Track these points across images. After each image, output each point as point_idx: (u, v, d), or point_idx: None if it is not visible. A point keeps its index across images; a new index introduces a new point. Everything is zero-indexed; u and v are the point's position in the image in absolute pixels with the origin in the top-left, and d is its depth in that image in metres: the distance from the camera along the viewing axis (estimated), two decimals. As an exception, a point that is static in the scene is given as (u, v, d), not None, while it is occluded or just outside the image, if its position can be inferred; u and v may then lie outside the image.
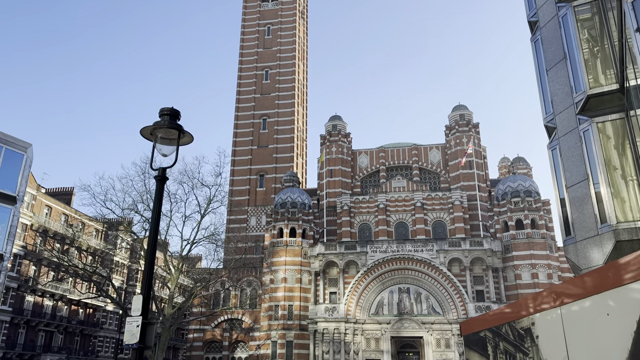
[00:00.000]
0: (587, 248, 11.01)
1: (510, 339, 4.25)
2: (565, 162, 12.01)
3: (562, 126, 12.28)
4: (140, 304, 5.52)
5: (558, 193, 12.26)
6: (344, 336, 47.25)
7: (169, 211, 44.05)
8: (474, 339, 5.17)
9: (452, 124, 59.95)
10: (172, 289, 41.76)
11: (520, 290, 46.47)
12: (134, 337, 5.34)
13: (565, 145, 12.05)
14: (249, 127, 69.88)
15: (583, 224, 11.17)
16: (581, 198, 11.32)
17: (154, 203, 5.90)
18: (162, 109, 5.85)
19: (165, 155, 6.07)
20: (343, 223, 56.08)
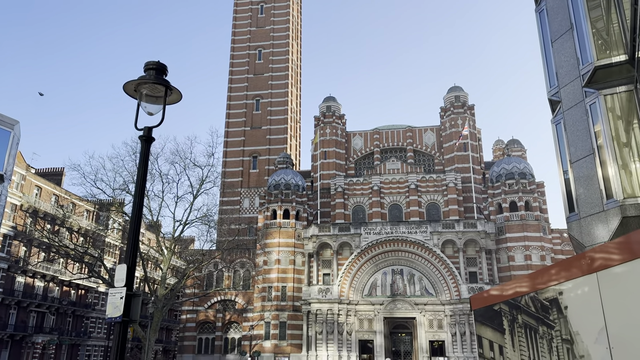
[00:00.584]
0: (591, 225, 10.70)
1: (531, 312, 3.86)
2: (569, 137, 11.63)
3: (567, 99, 11.86)
4: (124, 274, 5.05)
5: (562, 169, 11.91)
6: (337, 317, 47.34)
7: (161, 192, 43.49)
8: (487, 313, 4.80)
9: (447, 106, 59.46)
10: (164, 270, 41.41)
11: (513, 271, 46.64)
12: (118, 310, 4.89)
13: (570, 119, 11.65)
14: (241, 107, 68.93)
15: (588, 200, 10.84)
16: (586, 173, 10.97)
17: (139, 165, 5.43)
18: (148, 63, 5.32)
19: (151, 114, 5.56)
20: (337, 205, 55.82)
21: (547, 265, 46.59)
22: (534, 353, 3.82)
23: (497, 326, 4.53)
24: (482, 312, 4.93)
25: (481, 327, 4.99)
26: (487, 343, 4.79)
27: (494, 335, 4.61)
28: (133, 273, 5.07)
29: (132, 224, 5.30)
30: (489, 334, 4.76)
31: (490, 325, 4.71)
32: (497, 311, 4.53)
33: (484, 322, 4.89)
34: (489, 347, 4.75)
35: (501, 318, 4.45)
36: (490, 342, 4.71)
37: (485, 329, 4.86)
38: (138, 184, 5.35)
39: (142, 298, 23.17)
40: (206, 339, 52.34)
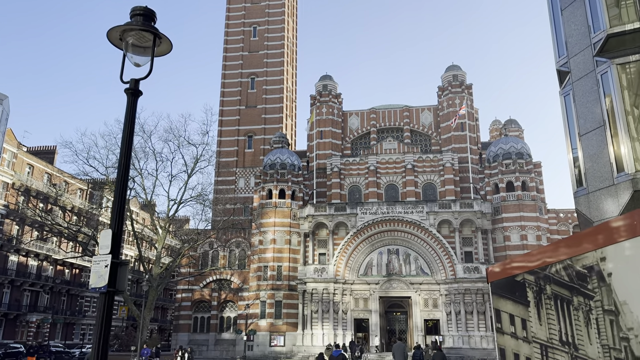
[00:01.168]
0: (600, 199, 10.34)
1: (563, 281, 3.46)
2: (579, 109, 11.19)
3: (577, 70, 11.38)
4: (109, 240, 4.57)
5: (569, 142, 11.50)
6: (332, 296, 47.40)
7: (155, 170, 42.95)
8: (507, 285, 4.40)
9: (444, 85, 58.78)
10: (159, 249, 41.12)
11: (509, 251, 46.68)
12: (102, 280, 4.43)
13: (580, 90, 11.19)
14: (236, 86, 67.84)
15: (597, 173, 10.47)
16: (596, 146, 10.57)
17: (125, 120, 4.95)
18: (134, 8, 4.75)
19: (138, 65, 5.04)
20: (333, 185, 55.46)
21: (543, 245, 46.64)
22: (567, 326, 3.44)
23: (519, 299, 4.14)
24: (501, 284, 4.54)
25: (499, 300, 4.61)
26: (507, 317, 4.41)
27: (515, 308, 4.23)
28: (119, 239, 4.64)
29: (118, 185, 4.83)
30: (509, 307, 4.37)
31: (511, 297, 4.32)
32: (520, 282, 4.14)
33: (503, 295, 4.50)
34: (508, 321, 4.37)
35: (525, 290, 4.06)
36: (510, 315, 4.33)
37: (505, 302, 4.47)
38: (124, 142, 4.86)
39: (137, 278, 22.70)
40: (201, 318, 52.38)
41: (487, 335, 43.97)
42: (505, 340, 4.45)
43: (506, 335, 4.42)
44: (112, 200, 31.47)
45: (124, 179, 4.83)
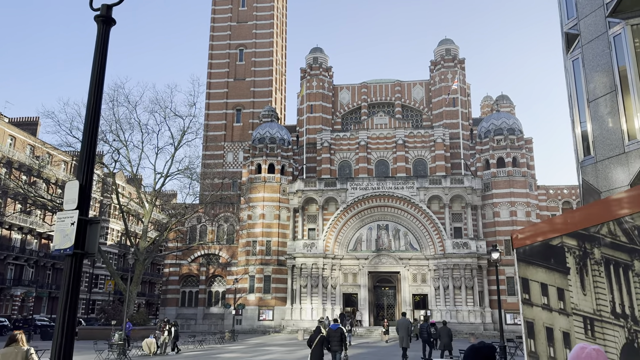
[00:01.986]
0: (609, 168, 9.86)
1: (619, 242, 2.87)
2: (588, 73, 10.60)
3: (587, 32, 10.75)
4: (75, 193, 3.81)
5: (577, 109, 10.95)
6: (322, 271, 47.30)
7: (140, 142, 41.99)
8: (539, 251, 3.84)
9: (437, 59, 57.87)
10: (146, 223, 40.42)
11: (498, 227, 46.76)
12: (67, 240, 3.70)
13: (590, 53, 10.59)
14: (224, 57, 66.16)
15: (606, 141, 9.96)
16: (606, 113, 10.03)
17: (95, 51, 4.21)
18: None
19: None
20: (323, 160, 54.80)
21: (533, 221, 46.77)
22: (623, 296, 2.88)
23: (555, 265, 3.59)
24: (531, 250, 3.98)
25: (528, 268, 4.05)
26: (537, 287, 3.87)
27: (550, 276, 3.68)
28: (88, 192, 3.93)
29: (87, 127, 4.12)
30: (541, 276, 3.82)
31: (545, 264, 3.77)
32: (557, 247, 3.58)
33: (534, 262, 3.95)
34: (539, 291, 3.83)
35: (563, 255, 3.50)
36: (542, 285, 3.79)
37: (535, 269, 3.92)
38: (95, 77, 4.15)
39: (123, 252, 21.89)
40: (189, 292, 52.09)
41: (475, 309, 44.34)
42: (534, 313, 3.92)
43: (536, 307, 3.89)
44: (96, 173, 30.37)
45: (94, 121, 4.14)
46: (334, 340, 15.09)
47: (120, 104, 41.81)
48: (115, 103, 41.60)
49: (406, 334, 21.43)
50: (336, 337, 15.07)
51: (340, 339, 15.06)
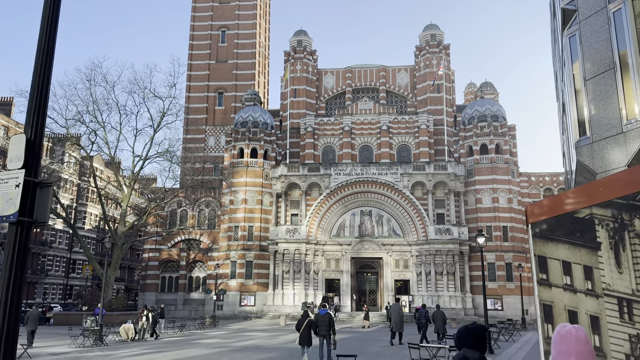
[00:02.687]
0: (605, 149, 9.54)
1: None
2: (585, 50, 10.22)
3: (585, 7, 10.34)
4: (22, 149, 3.12)
5: (573, 88, 10.59)
6: (304, 257, 46.99)
7: (119, 124, 40.74)
8: (561, 225, 3.40)
9: (422, 45, 57.42)
10: (124, 207, 39.46)
11: (480, 214, 46.98)
12: (11, 205, 3.04)
13: (588, 29, 10.19)
14: (206, 39, 64.62)
15: (603, 121, 9.62)
16: (603, 91, 9.67)
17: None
18: None
19: None
20: (306, 145, 54.17)
21: (515, 208, 47.12)
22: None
23: (583, 240, 3.16)
24: (552, 225, 3.54)
25: (546, 244, 3.61)
26: (558, 265, 3.43)
27: (574, 253, 3.24)
28: (38, 150, 3.29)
29: (37, 68, 3.49)
30: (563, 253, 3.39)
31: (568, 240, 3.34)
32: (585, 220, 3.14)
33: (554, 238, 3.51)
34: (560, 270, 3.41)
35: (592, 228, 3.06)
36: (564, 263, 3.35)
37: (556, 246, 3.48)
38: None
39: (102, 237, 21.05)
40: (169, 278, 51.32)
41: (456, 295, 44.63)
42: (553, 295, 3.50)
43: (556, 288, 3.46)
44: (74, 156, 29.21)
45: (45, 62, 3.51)
46: (322, 325, 15.22)
47: (98, 83, 40.44)
48: (93, 83, 40.24)
49: (399, 318, 22.02)
50: (324, 322, 15.19)
51: (328, 324, 15.18)
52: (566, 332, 2.61)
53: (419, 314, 23.22)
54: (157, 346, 21.52)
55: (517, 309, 43.96)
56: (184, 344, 22.43)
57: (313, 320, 15.30)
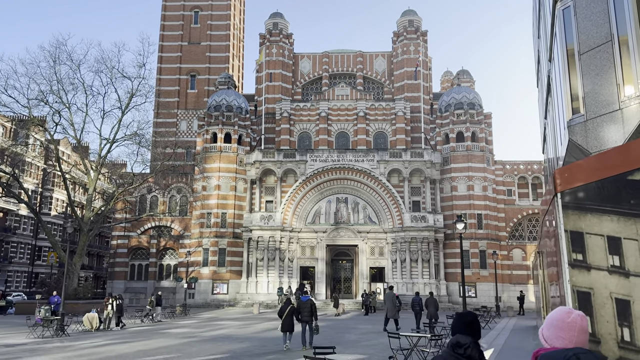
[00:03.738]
0: (601, 126, 8.99)
1: None
2: (580, 23, 9.62)
3: (581, -23, 9.70)
4: None
5: (566, 62, 10.00)
6: (279, 244, 46.19)
7: (85, 105, 38.87)
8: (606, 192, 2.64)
9: (400, 31, 56.76)
10: (90, 192, 37.81)
11: (456, 201, 46.97)
12: None
13: (583, 1, 9.58)
14: (178, 19, 62.40)
15: (599, 97, 9.06)
16: (599, 66, 9.10)
17: None
18: None
19: None
20: (282, 131, 53.06)
21: (489, 196, 47.28)
22: None
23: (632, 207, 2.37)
24: (591, 192, 2.79)
25: (583, 217, 2.90)
26: (601, 242, 2.71)
27: (626, 226, 2.50)
28: None
29: None
30: (609, 227, 2.67)
31: (617, 209, 2.59)
32: None
33: (595, 208, 2.76)
34: (604, 248, 2.68)
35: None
36: (610, 239, 2.60)
37: (598, 219, 2.77)
38: None
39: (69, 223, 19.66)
40: (139, 265, 49.81)
41: (431, 282, 44.65)
42: (592, 280, 2.79)
43: (597, 272, 2.75)
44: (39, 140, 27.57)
45: None
46: (304, 311, 15.66)
47: (63, 62, 38.30)
48: (58, 61, 38.17)
49: (392, 305, 23.09)
50: (306, 308, 15.65)
51: (310, 310, 15.65)
52: (572, 320, 2.52)
53: (413, 301, 24.56)
54: (122, 336, 20.45)
55: (490, 296, 44.30)
56: (151, 333, 21.41)
57: (295, 307, 15.69)
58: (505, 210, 48.44)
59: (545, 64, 15.20)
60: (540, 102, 20.61)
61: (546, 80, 15.68)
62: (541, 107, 20.44)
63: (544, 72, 16.24)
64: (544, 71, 16.57)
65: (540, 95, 20.42)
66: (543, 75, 17.16)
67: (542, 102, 18.97)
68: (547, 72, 15.15)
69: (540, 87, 20.45)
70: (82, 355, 14.83)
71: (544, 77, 17.03)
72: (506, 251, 47.71)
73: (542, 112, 20.43)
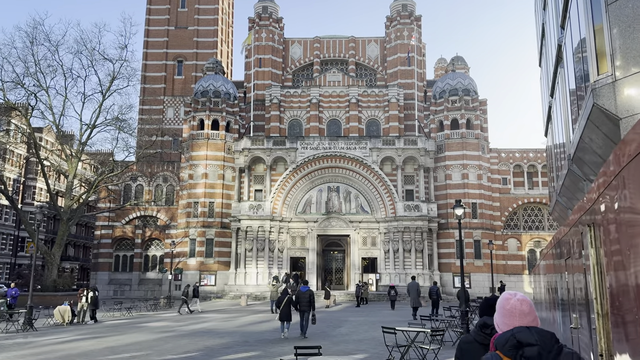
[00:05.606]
0: (634, 86, 7.63)
1: None
2: (609, -33, 8.20)
3: None
4: None
5: (590, 16, 8.62)
6: (268, 234, 44.78)
7: (64, 88, 36.99)
8: None
9: (393, 15, 55.18)
10: (70, 179, 36.11)
11: (450, 190, 45.78)
12: None
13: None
14: (165, 3, 60.34)
15: (630, 53, 7.69)
16: (631, 16, 7.73)
17: None
18: None
19: None
20: (272, 118, 51.45)
21: (484, 185, 46.13)
22: None
23: None
24: None
25: None
26: None
27: None
28: None
29: None
30: None
31: None
32: None
33: None
34: None
35: None
36: None
37: None
38: None
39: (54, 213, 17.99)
40: (124, 256, 48.21)
41: (424, 273, 43.53)
42: None
43: None
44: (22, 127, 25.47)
45: None
46: (303, 301, 16.17)
47: (41, 43, 36.36)
48: (36, 42, 36.22)
49: (416, 295, 24.63)
50: (305, 298, 16.20)
51: (309, 300, 16.15)
52: (511, 306, 2.65)
53: (430, 291, 25.90)
54: (94, 331, 18.99)
55: (484, 286, 43.33)
56: (127, 327, 19.96)
57: (291, 297, 16.35)
58: (500, 200, 47.35)
59: (555, 32, 13.82)
60: (545, 80, 19.25)
61: (555, 51, 14.32)
62: (545, 85, 19.09)
63: (553, 43, 14.87)
64: (552, 42, 15.20)
65: (545, 72, 19.06)
66: (550, 47, 15.79)
67: (548, 79, 17.61)
68: (556, 42, 13.78)
69: (544, 63, 19.09)
70: (42, 353, 13.37)
71: (550, 50, 15.68)
72: (501, 241, 46.69)
73: (546, 91, 19.09)
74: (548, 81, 17.65)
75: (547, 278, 10.64)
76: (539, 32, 20.12)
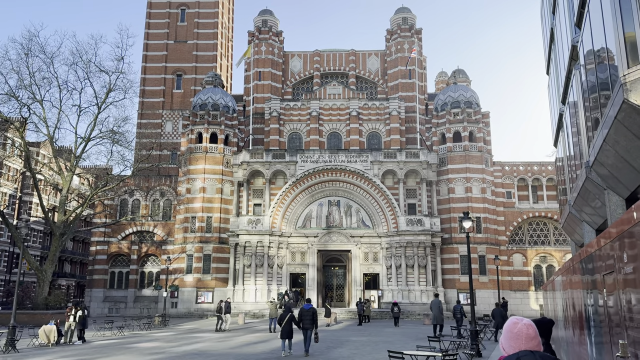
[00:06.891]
0: (673, 78, 6.75)
1: None
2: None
3: None
4: None
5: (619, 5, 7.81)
6: (267, 249, 43.67)
7: (59, 100, 36.31)
8: None
9: (393, 29, 54.85)
10: (64, 193, 35.20)
11: (453, 204, 44.80)
12: None
13: None
14: (164, 17, 60.12)
15: (668, 41, 6.82)
16: (667, 0, 6.88)
17: None
18: None
19: None
20: (271, 131, 50.73)
21: (487, 198, 45.15)
22: None
23: None
24: None
25: None
26: None
27: None
28: None
29: None
30: None
31: None
32: None
33: None
34: None
35: None
36: None
37: None
38: None
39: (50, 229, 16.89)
40: (119, 273, 47.04)
41: (427, 289, 42.31)
42: None
43: None
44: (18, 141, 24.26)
45: None
46: (306, 319, 16.22)
47: (35, 55, 35.82)
48: (31, 54, 35.67)
49: (439, 312, 24.85)
50: (308, 316, 16.25)
51: (312, 318, 16.18)
52: (518, 330, 2.81)
53: (454, 310, 26.91)
54: (80, 352, 17.88)
55: (489, 303, 42.03)
56: (115, 349, 18.85)
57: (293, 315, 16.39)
58: (504, 214, 46.32)
59: (569, 33, 13.03)
60: (554, 87, 18.44)
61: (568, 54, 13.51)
62: (555, 92, 18.27)
63: (565, 46, 14.07)
64: (564, 45, 14.40)
65: (554, 79, 18.26)
66: (562, 50, 14.99)
67: (558, 85, 16.79)
68: (570, 44, 12.97)
69: (553, 69, 18.30)
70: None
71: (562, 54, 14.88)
72: (506, 256, 45.53)
73: (555, 99, 18.26)
74: (559, 88, 16.83)
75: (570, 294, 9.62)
76: (547, 38, 19.38)
